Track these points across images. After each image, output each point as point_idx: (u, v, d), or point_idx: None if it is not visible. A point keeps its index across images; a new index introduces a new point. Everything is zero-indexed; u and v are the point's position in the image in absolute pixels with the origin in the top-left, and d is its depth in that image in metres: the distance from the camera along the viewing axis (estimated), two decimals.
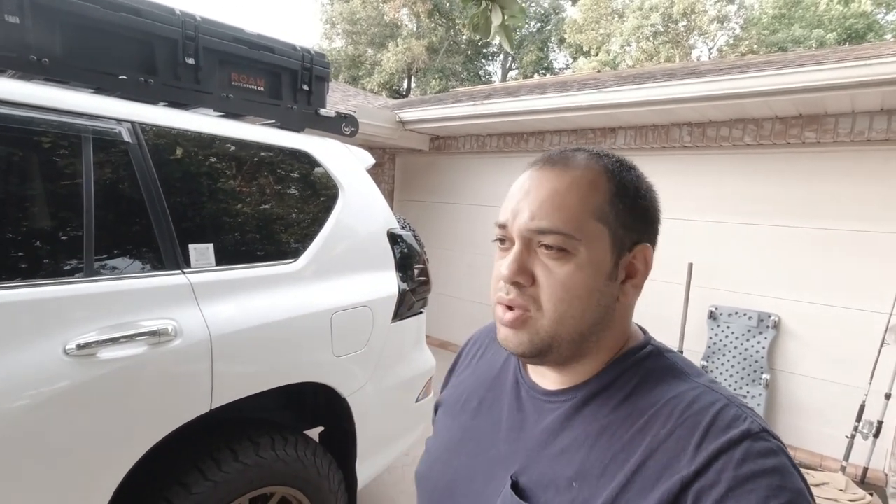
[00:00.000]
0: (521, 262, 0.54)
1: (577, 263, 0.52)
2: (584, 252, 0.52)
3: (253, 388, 1.52)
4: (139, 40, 1.57)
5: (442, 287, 5.13)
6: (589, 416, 0.55)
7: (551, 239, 0.53)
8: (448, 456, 0.66)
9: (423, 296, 2.17)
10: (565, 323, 0.53)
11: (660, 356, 0.57)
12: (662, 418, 0.50)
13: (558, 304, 0.53)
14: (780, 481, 0.44)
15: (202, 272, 1.47)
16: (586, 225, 0.53)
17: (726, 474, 0.44)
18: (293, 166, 1.90)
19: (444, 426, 0.71)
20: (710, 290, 3.57)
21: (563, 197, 0.53)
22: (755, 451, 0.45)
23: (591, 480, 0.50)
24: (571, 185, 0.54)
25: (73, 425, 1.18)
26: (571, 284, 0.53)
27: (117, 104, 1.43)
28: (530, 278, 0.54)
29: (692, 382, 0.53)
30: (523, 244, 0.55)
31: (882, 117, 2.88)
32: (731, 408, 0.49)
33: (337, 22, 18.36)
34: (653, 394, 0.53)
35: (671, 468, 0.47)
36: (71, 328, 1.19)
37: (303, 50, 1.96)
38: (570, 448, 0.54)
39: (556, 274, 0.53)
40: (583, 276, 0.53)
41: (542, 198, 0.54)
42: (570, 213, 0.53)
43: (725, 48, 14.75)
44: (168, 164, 1.50)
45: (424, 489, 0.68)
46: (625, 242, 0.54)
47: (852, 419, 2.92)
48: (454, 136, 4.95)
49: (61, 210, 1.29)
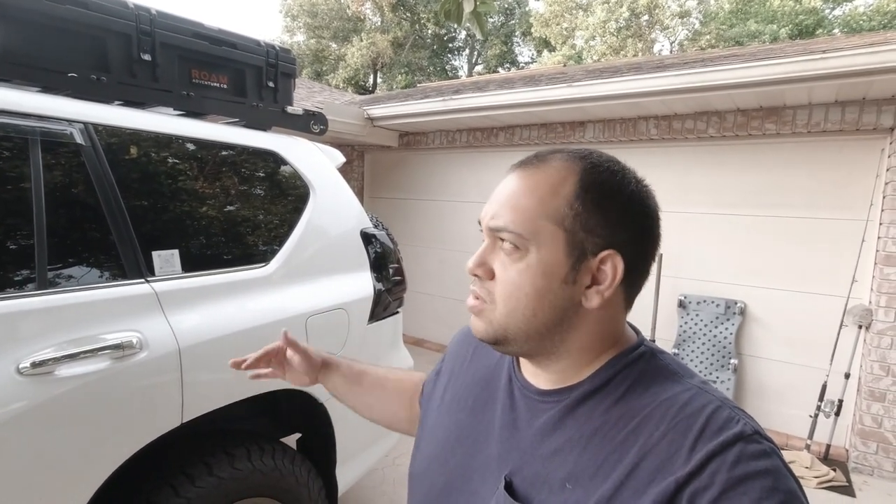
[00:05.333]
0: (482, 256, 0.57)
1: (528, 263, 0.54)
2: (535, 253, 0.53)
3: (226, 399, 1.46)
4: (89, 35, 1.47)
5: (414, 284, 5.09)
6: (582, 416, 0.55)
7: (505, 236, 0.55)
8: (444, 455, 0.66)
9: (399, 295, 2.14)
10: (515, 318, 0.55)
11: (653, 357, 0.58)
12: (655, 420, 0.50)
13: (507, 300, 0.55)
14: (774, 483, 0.44)
15: (167, 280, 1.39)
16: (538, 226, 0.53)
17: (720, 476, 0.44)
18: (260, 166, 1.83)
19: (439, 424, 0.71)
20: (679, 280, 3.66)
21: (520, 198, 0.55)
22: (748, 454, 0.46)
23: (584, 481, 0.51)
24: (532, 187, 0.55)
25: (31, 449, 1.10)
26: (519, 282, 0.54)
27: (67, 104, 1.34)
28: (489, 272, 0.57)
29: (685, 384, 0.54)
30: (490, 239, 0.57)
31: (836, 109, 3.00)
32: (723, 409, 0.50)
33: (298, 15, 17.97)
34: (646, 395, 0.53)
35: (665, 470, 0.47)
36: (24, 345, 1.11)
37: (267, 46, 1.89)
38: (564, 448, 0.54)
39: (508, 271, 0.55)
40: (531, 275, 0.54)
41: (503, 198, 0.56)
42: (523, 215, 0.54)
43: (686, 42, 15.14)
44: (126, 167, 1.41)
45: (419, 489, 0.68)
46: (586, 246, 0.53)
47: (815, 399, 3.05)
48: (423, 132, 4.91)
49: (8, 217, 1.19)
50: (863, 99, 2.91)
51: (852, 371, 3.00)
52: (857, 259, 2.95)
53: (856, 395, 3.05)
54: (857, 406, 3.04)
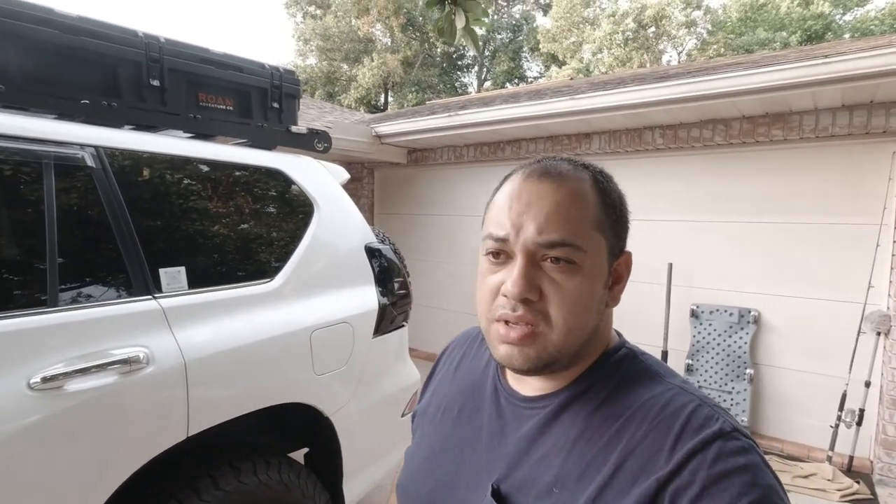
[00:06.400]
0: (528, 277, 0.53)
1: (584, 275, 0.53)
2: (589, 263, 0.53)
3: (231, 413, 1.48)
4: (101, 63, 1.54)
5: (425, 298, 5.11)
6: (567, 421, 0.55)
7: (561, 251, 0.52)
8: (429, 465, 0.66)
9: (405, 309, 2.16)
10: (573, 335, 0.54)
11: (634, 359, 0.58)
12: (638, 420, 0.51)
13: (568, 317, 0.53)
14: (752, 478, 0.45)
15: (174, 296, 1.43)
16: (589, 235, 0.54)
17: (700, 474, 0.45)
18: (266, 184, 1.88)
19: (424, 434, 0.71)
20: (691, 289, 3.62)
21: (568, 209, 0.53)
22: (727, 450, 0.46)
23: (570, 485, 0.51)
24: (572, 197, 0.54)
25: (41, 462, 1.13)
26: (579, 296, 0.53)
27: (80, 129, 1.40)
28: (538, 293, 0.53)
29: (666, 384, 0.54)
30: (527, 258, 0.53)
31: (844, 113, 2.97)
32: (703, 408, 0.50)
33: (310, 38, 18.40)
34: (629, 397, 0.54)
35: (647, 469, 0.48)
36: (35, 361, 1.14)
37: (271, 68, 1.95)
38: (550, 454, 0.54)
39: (565, 287, 0.53)
40: (589, 286, 0.54)
41: (547, 210, 0.53)
42: (576, 225, 0.53)
43: (694, 52, 15.14)
44: (135, 188, 1.47)
45: (407, 498, 0.68)
46: (615, 250, 0.56)
47: (835, 409, 2.97)
48: (431, 147, 4.97)
49: (23, 238, 1.25)
50: (870, 102, 2.89)
51: (873, 379, 2.91)
52: (872, 264, 2.90)
53: (878, 404, 2.96)
54: (879, 415, 2.95)
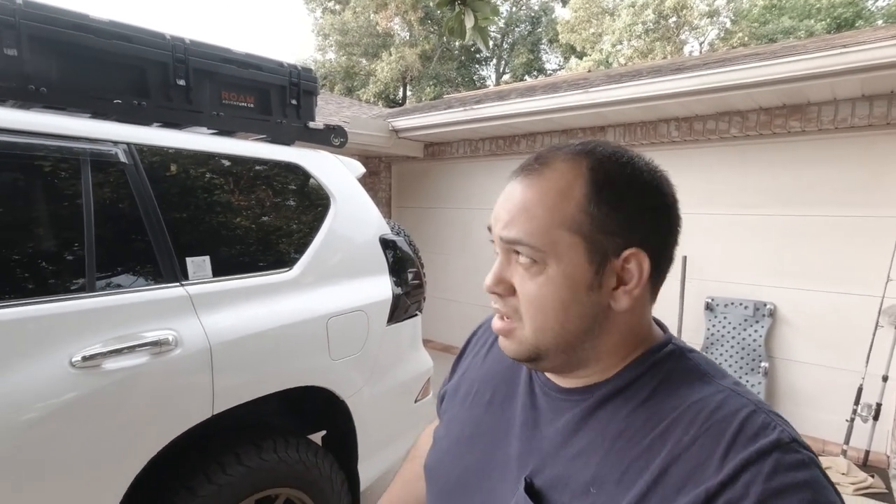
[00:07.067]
0: (499, 271, 0.54)
1: (547, 276, 0.51)
2: (554, 265, 0.50)
3: (253, 394, 1.58)
4: (132, 65, 1.64)
5: (441, 291, 5.19)
6: (605, 418, 0.52)
7: (520, 249, 0.52)
8: (459, 449, 0.65)
9: (418, 298, 2.23)
10: (545, 334, 0.52)
11: (681, 357, 0.54)
12: (685, 423, 0.47)
13: (534, 316, 0.52)
14: (813, 496, 0.41)
15: (200, 283, 1.53)
16: (555, 237, 0.50)
17: (755, 488, 0.41)
18: (285, 178, 1.96)
19: (454, 417, 0.69)
20: (705, 282, 3.61)
21: (531, 208, 0.51)
22: (786, 464, 0.43)
23: (609, 486, 0.48)
24: (541, 195, 0.51)
25: (81, 434, 1.24)
26: (542, 297, 0.51)
27: (113, 127, 1.50)
28: (510, 288, 0.53)
29: (716, 385, 0.50)
30: (504, 252, 0.54)
31: (864, 103, 2.93)
32: (759, 414, 0.46)
33: (329, 33, 18.55)
34: (674, 397, 0.50)
35: (695, 478, 0.44)
36: (76, 341, 1.25)
37: (290, 66, 2.03)
38: (587, 451, 0.52)
39: (528, 286, 0.52)
40: (553, 288, 0.51)
41: (513, 207, 0.52)
42: (536, 225, 0.50)
43: (717, 42, 14.82)
44: (164, 182, 1.56)
45: (435, 482, 0.67)
46: (607, 249, 0.51)
47: (851, 403, 2.95)
48: (447, 141, 5.02)
49: (64, 230, 1.35)
50: (891, 92, 2.84)
51: (890, 373, 2.88)
52: (891, 257, 2.86)
53: (895, 398, 2.94)
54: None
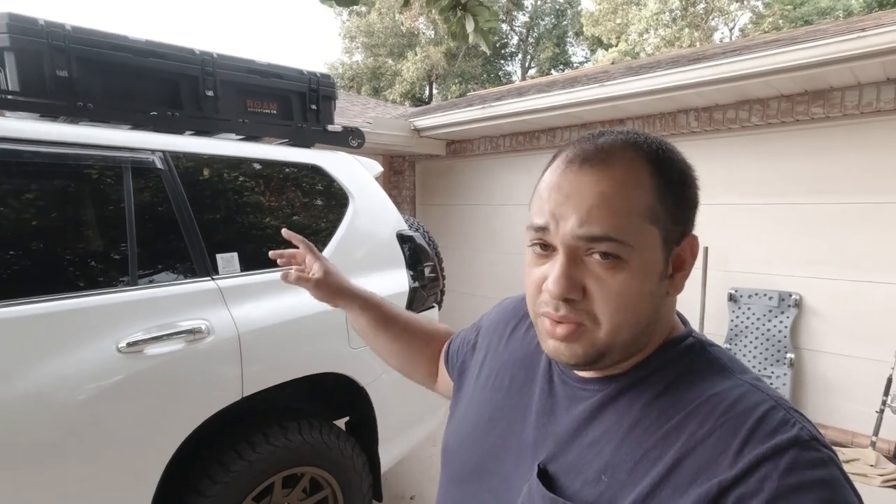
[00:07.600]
0: (569, 275, 0.50)
1: (631, 271, 0.49)
2: (638, 258, 0.49)
3: (278, 379, 1.71)
4: (166, 80, 1.80)
5: (465, 286, 5.28)
6: (622, 408, 0.52)
7: (605, 246, 0.48)
8: (477, 434, 0.65)
9: (434, 291, 2.33)
10: (622, 331, 0.50)
11: (702, 350, 0.54)
12: (701, 416, 0.47)
13: (615, 315, 0.49)
14: (830, 496, 0.40)
15: (229, 278, 1.67)
16: (639, 229, 0.49)
17: (769, 483, 0.41)
18: (305, 179, 2.10)
19: (474, 401, 0.70)
20: (728, 273, 3.58)
21: (612, 201, 0.48)
22: (803, 461, 0.42)
23: (621, 475, 0.48)
24: (618, 187, 0.49)
25: (128, 411, 1.40)
26: (627, 293, 0.49)
27: (150, 137, 1.66)
28: (581, 292, 0.50)
29: (736, 379, 0.50)
30: (569, 254, 0.50)
31: (889, 87, 2.86)
32: (778, 410, 0.46)
33: (356, 36, 18.88)
34: (692, 390, 0.50)
35: (709, 471, 0.44)
36: (121, 329, 1.41)
37: (309, 73, 2.17)
38: (601, 439, 0.52)
39: (610, 284, 0.49)
40: (637, 282, 0.49)
41: (589, 202, 0.49)
42: (621, 219, 0.48)
43: (749, 26, 14.34)
44: (195, 185, 1.71)
45: (450, 466, 0.68)
46: (673, 237, 0.51)
47: (880, 393, 2.89)
48: (468, 139, 5.10)
49: (110, 230, 1.52)
50: None
51: None
52: None
53: None
54: None
